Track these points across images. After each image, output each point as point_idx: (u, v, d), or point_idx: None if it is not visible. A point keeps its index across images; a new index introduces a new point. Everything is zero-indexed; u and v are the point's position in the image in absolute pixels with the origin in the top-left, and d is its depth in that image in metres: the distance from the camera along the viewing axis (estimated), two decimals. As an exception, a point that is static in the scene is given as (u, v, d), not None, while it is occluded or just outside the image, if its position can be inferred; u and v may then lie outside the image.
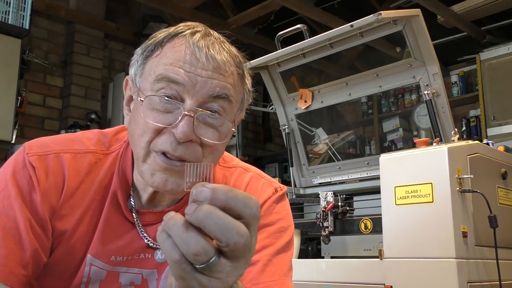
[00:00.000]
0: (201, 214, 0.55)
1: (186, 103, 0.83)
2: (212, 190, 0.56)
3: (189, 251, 0.55)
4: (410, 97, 4.98)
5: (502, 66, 4.54)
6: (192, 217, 0.56)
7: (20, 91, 3.97)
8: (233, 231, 0.55)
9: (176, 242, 0.56)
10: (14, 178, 0.87)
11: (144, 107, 0.85)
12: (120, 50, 4.98)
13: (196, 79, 0.83)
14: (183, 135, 0.81)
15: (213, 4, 5.22)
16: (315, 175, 2.80)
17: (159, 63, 0.85)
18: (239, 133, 5.32)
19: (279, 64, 2.78)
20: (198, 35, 0.86)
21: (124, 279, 0.93)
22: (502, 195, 1.96)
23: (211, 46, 0.85)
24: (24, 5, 3.74)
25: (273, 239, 0.96)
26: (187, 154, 0.83)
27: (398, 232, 1.81)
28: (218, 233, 0.55)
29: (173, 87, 0.83)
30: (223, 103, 0.85)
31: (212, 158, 0.88)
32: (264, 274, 0.90)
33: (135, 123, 0.87)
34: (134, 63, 0.91)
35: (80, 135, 0.98)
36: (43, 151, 0.90)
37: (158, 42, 0.88)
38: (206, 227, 0.55)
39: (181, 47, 0.85)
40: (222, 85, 0.85)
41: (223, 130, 0.87)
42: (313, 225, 2.26)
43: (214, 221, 0.55)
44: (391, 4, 4.59)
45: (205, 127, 0.85)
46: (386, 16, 2.13)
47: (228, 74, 0.86)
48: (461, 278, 1.65)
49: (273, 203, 1.00)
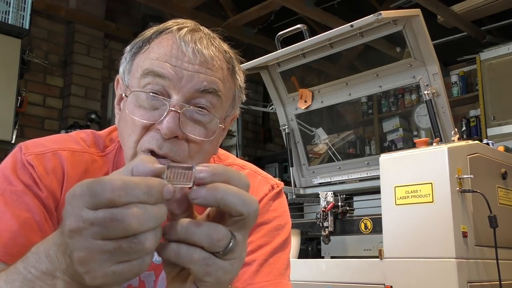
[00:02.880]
0: (220, 192, 0.55)
1: (173, 98, 0.81)
2: (211, 167, 0.56)
3: (213, 240, 0.55)
4: (410, 97, 4.98)
5: (502, 66, 4.54)
6: (210, 198, 0.55)
7: (20, 91, 3.97)
8: (250, 199, 0.56)
9: (195, 239, 0.56)
10: (16, 175, 0.86)
11: (131, 104, 0.84)
12: (120, 50, 4.89)
13: (182, 73, 0.81)
14: (168, 130, 0.78)
15: (213, 4, 5.23)
16: (315, 175, 2.80)
17: (146, 58, 0.84)
18: (239, 133, 5.32)
19: (279, 64, 2.78)
20: (185, 30, 0.85)
21: None
22: (502, 195, 1.96)
23: (198, 40, 0.84)
24: (24, 5, 3.74)
25: (269, 238, 0.95)
26: (173, 151, 0.80)
27: (398, 232, 1.81)
28: (240, 204, 0.56)
29: (159, 82, 0.81)
30: (211, 98, 0.83)
31: (200, 158, 0.85)
32: (259, 275, 0.90)
33: (124, 122, 0.86)
34: (123, 60, 0.91)
35: (75, 134, 0.97)
36: (40, 151, 0.89)
37: (146, 38, 0.87)
38: (227, 202, 0.55)
39: (168, 42, 0.84)
40: (210, 80, 0.83)
41: (211, 127, 0.84)
42: (313, 225, 2.26)
43: (235, 194, 0.55)
44: (391, 4, 4.60)
45: (192, 123, 0.82)
46: (386, 16, 2.13)
47: (216, 68, 0.84)
48: (461, 278, 1.65)
49: (269, 200, 0.99)
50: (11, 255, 0.76)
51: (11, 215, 0.81)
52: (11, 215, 0.81)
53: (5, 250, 0.78)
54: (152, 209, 0.52)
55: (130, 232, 0.51)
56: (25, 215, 0.82)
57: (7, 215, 0.81)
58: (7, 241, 0.79)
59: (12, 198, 0.83)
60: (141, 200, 0.51)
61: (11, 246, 0.78)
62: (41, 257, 0.58)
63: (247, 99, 0.99)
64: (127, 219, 0.50)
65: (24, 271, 0.60)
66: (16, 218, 0.81)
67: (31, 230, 0.81)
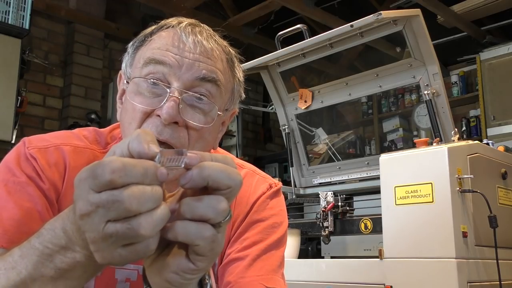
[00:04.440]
0: (206, 170, 0.56)
1: (173, 85, 0.83)
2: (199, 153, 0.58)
3: (218, 210, 0.57)
4: (410, 97, 4.98)
5: (502, 66, 4.54)
6: (198, 177, 0.56)
7: (20, 91, 3.97)
8: (234, 172, 0.58)
9: (200, 213, 0.57)
10: (19, 167, 0.87)
11: (131, 92, 0.86)
12: (120, 50, 4.98)
13: (182, 61, 0.84)
14: (168, 115, 0.80)
15: (213, 4, 5.23)
16: (315, 175, 2.80)
17: (148, 49, 0.88)
18: (239, 133, 5.32)
19: (279, 64, 2.78)
20: (185, 23, 0.89)
21: (120, 275, 0.92)
22: (502, 195, 1.96)
23: (198, 33, 0.88)
24: (24, 5, 3.74)
25: (264, 235, 0.95)
26: (173, 138, 0.82)
27: (398, 232, 1.81)
28: (226, 178, 0.57)
29: (160, 70, 0.84)
30: (210, 87, 0.85)
31: (200, 147, 0.87)
32: (251, 269, 0.91)
33: (125, 111, 0.89)
34: (125, 55, 0.94)
35: (78, 131, 0.98)
36: (43, 145, 0.91)
37: (148, 33, 0.91)
38: (215, 178, 0.57)
39: (169, 34, 0.88)
40: (209, 68, 0.85)
41: (210, 115, 0.86)
42: (313, 225, 2.26)
43: (220, 169, 0.57)
44: (391, 4, 4.60)
45: (191, 111, 0.84)
46: (386, 16, 2.13)
47: (215, 58, 0.87)
48: (461, 278, 1.65)
49: (267, 198, 1.00)
50: (13, 242, 0.76)
51: (14, 204, 0.83)
52: (14, 204, 0.83)
53: (8, 237, 0.80)
54: (150, 190, 0.53)
55: (131, 212, 0.52)
56: (28, 205, 0.84)
57: (10, 204, 0.83)
58: (10, 228, 0.81)
59: (15, 189, 0.85)
60: (139, 181, 0.53)
61: (14, 234, 0.80)
62: (58, 233, 0.60)
63: (247, 99, 0.99)
64: (127, 200, 0.51)
65: (40, 246, 0.61)
66: (19, 207, 0.83)
67: (33, 220, 0.82)
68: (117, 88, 0.98)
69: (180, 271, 0.60)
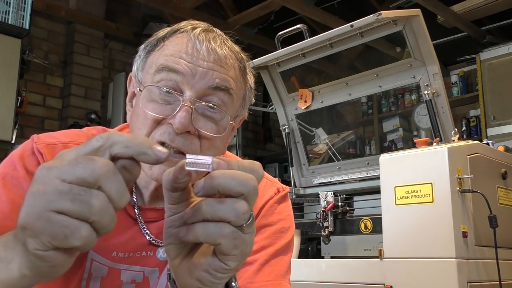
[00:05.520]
0: (214, 179, 0.56)
1: (185, 94, 0.82)
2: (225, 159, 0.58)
3: (239, 213, 0.57)
4: (410, 97, 4.98)
5: (502, 66, 4.54)
6: (208, 186, 0.56)
7: (20, 91, 3.97)
8: (247, 179, 0.57)
9: (221, 215, 0.57)
10: (21, 161, 0.88)
11: (144, 98, 0.86)
12: (120, 50, 4.98)
13: (196, 70, 0.83)
14: (181, 125, 0.80)
15: (213, 4, 5.23)
16: (315, 175, 2.80)
17: (160, 55, 0.87)
18: (239, 133, 5.32)
19: (279, 64, 2.78)
20: (199, 29, 0.88)
21: (125, 277, 0.92)
22: (502, 195, 1.96)
23: (212, 40, 0.86)
24: (24, 5, 3.74)
25: (272, 240, 0.95)
26: (185, 145, 0.82)
27: (398, 232, 1.82)
28: (237, 186, 0.57)
29: (173, 77, 0.83)
30: (223, 96, 0.85)
31: (212, 155, 0.87)
32: (260, 274, 0.90)
33: (136, 116, 0.88)
34: (137, 58, 0.93)
35: (87, 130, 0.99)
36: (51, 141, 0.92)
37: (161, 37, 0.90)
38: (224, 186, 0.56)
39: (183, 40, 0.86)
40: (222, 77, 0.85)
41: (222, 124, 0.86)
42: (313, 225, 2.26)
43: (230, 177, 0.57)
44: (391, 4, 4.60)
45: (204, 119, 0.84)
46: (386, 16, 2.13)
47: (229, 67, 0.87)
48: (461, 278, 1.65)
49: (275, 203, 1.00)
50: None
51: (7, 198, 0.83)
52: (6, 198, 0.83)
53: None
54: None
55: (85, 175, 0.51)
56: (19, 201, 0.82)
57: (3, 197, 0.83)
58: None
59: (12, 183, 0.85)
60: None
61: None
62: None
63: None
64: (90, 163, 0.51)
65: None
66: (10, 201, 0.83)
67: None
68: (120, 91, 0.98)
69: (212, 270, 0.60)
